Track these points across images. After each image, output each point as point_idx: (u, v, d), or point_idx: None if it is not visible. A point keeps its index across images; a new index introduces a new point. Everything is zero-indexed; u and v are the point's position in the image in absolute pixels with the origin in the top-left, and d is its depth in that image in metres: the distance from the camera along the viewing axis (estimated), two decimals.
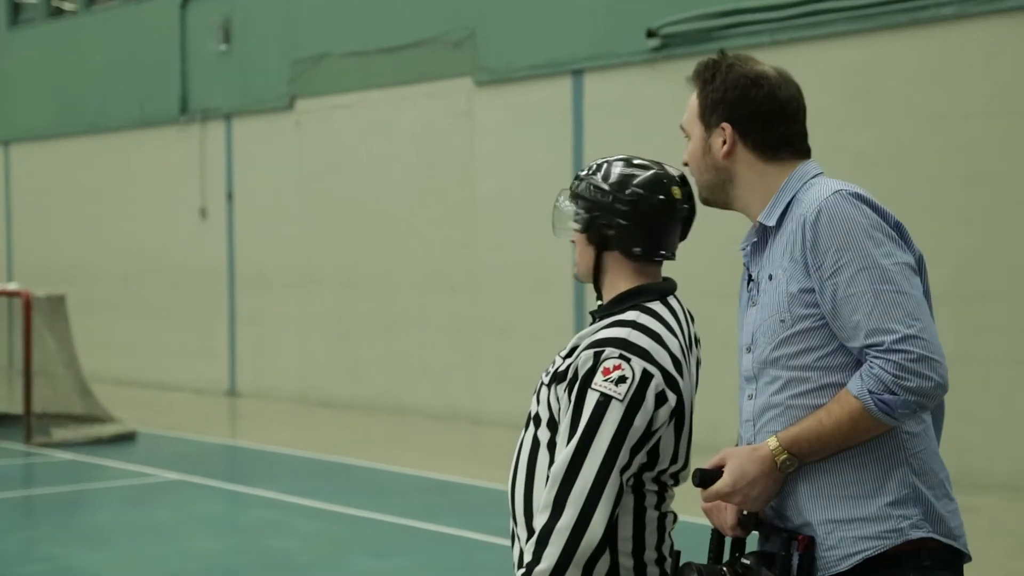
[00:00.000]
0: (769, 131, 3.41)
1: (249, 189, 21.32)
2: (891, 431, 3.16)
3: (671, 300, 3.66)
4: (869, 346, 3.09)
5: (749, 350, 3.41)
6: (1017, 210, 12.06)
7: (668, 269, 3.69)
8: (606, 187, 3.65)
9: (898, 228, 3.25)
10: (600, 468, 3.39)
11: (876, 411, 3.06)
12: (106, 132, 24.16)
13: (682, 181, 3.67)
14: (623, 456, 3.41)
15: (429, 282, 18.06)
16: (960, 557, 3.26)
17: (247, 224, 21.38)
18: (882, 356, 3.06)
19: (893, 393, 3.04)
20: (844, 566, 3.18)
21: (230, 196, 21.60)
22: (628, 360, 3.42)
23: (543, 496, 3.47)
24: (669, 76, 14.70)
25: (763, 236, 3.40)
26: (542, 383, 3.65)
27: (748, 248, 3.50)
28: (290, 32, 20.32)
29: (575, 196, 3.71)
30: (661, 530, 3.58)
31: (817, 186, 3.30)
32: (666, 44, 15.11)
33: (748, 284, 3.48)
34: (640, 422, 3.39)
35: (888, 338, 3.06)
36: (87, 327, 18.21)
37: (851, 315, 3.13)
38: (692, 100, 3.49)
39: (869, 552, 3.16)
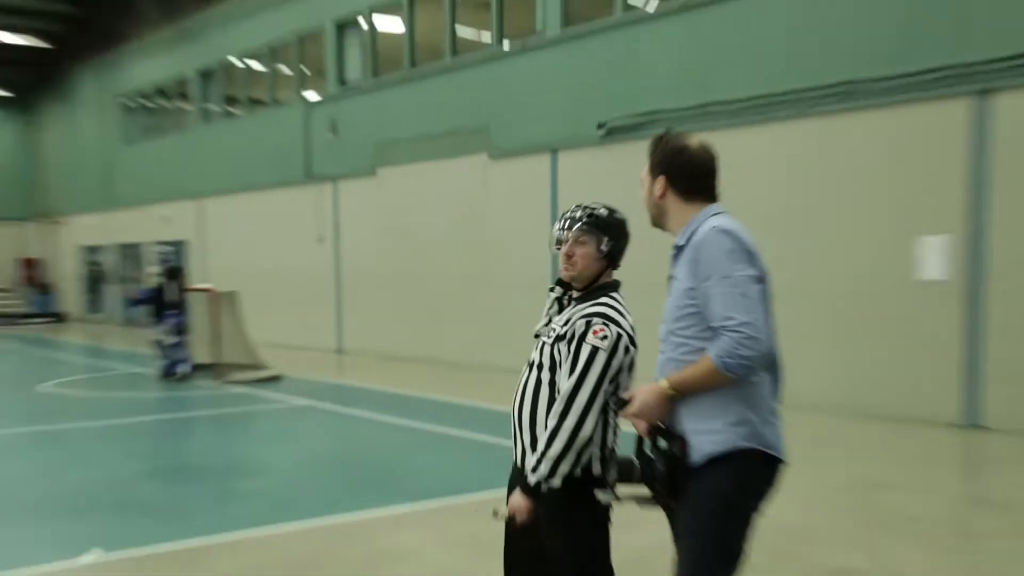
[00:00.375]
0: (686, 183, 3.58)
1: (348, 225, 21.25)
2: (729, 382, 3.34)
3: (618, 292, 3.91)
4: (720, 326, 3.29)
5: (663, 322, 3.59)
6: (821, 241, 12.23)
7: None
8: (625, 227, 3.97)
9: (749, 252, 3.39)
10: (592, 391, 3.66)
11: (721, 369, 3.29)
12: (260, 190, 24.09)
13: None
14: (604, 385, 3.68)
15: (458, 283, 18.06)
16: (775, 460, 3.45)
17: (347, 247, 21.32)
18: (726, 334, 3.28)
19: (731, 358, 3.27)
20: (699, 458, 3.41)
21: (337, 229, 21.56)
22: (608, 325, 3.73)
23: (554, 408, 3.70)
24: (612, 153, 14.95)
25: (678, 251, 3.57)
26: (544, 342, 3.88)
27: (672, 256, 3.61)
28: (372, 127, 20.24)
29: (608, 225, 3.90)
30: (614, 434, 3.83)
31: (709, 222, 3.46)
32: (610, 132, 15.07)
33: (670, 279, 3.60)
34: (615, 364, 3.70)
35: (731, 322, 3.28)
36: (252, 309, 18.16)
37: (713, 306, 3.33)
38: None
39: (713, 452, 3.39)
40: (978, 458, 9.89)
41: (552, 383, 3.81)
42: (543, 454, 3.67)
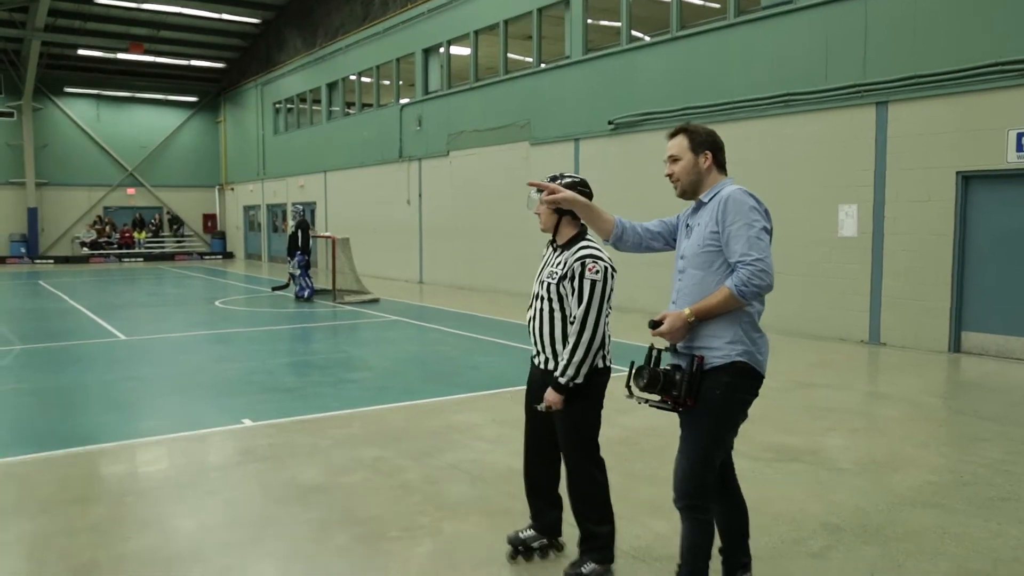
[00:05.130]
0: (722, 156, 3.34)
1: (428, 192, 20.94)
2: (741, 306, 3.13)
3: (588, 236, 3.71)
4: (739, 261, 3.06)
5: (682, 258, 3.32)
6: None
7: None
8: (576, 188, 3.70)
9: (765, 210, 3.16)
10: (597, 312, 3.53)
11: (737, 296, 3.06)
12: (367, 166, 23.90)
13: None
14: (605, 305, 3.55)
15: (504, 234, 17.71)
16: (759, 376, 3.24)
17: (427, 207, 21.04)
18: (744, 267, 3.06)
19: (745, 287, 3.02)
20: (708, 368, 3.17)
21: (420, 195, 21.26)
22: (598, 261, 3.57)
23: (572, 328, 3.55)
24: (618, 142, 14.67)
25: (700, 205, 3.30)
26: (550, 282, 3.69)
27: (689, 211, 3.38)
28: (447, 121, 19.92)
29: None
30: (609, 340, 3.67)
31: (732, 186, 3.22)
32: (617, 127, 14.74)
33: (686, 228, 3.36)
34: (609, 288, 3.53)
35: (748, 258, 3.04)
36: (359, 251, 18.29)
37: (734, 245, 3.10)
38: (678, 141, 3.32)
39: (717, 363, 3.16)
40: (879, 365, 9.66)
41: (562, 311, 3.65)
42: (569, 362, 3.56)
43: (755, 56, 12.39)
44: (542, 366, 3.76)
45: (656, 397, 3.29)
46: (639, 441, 5.74)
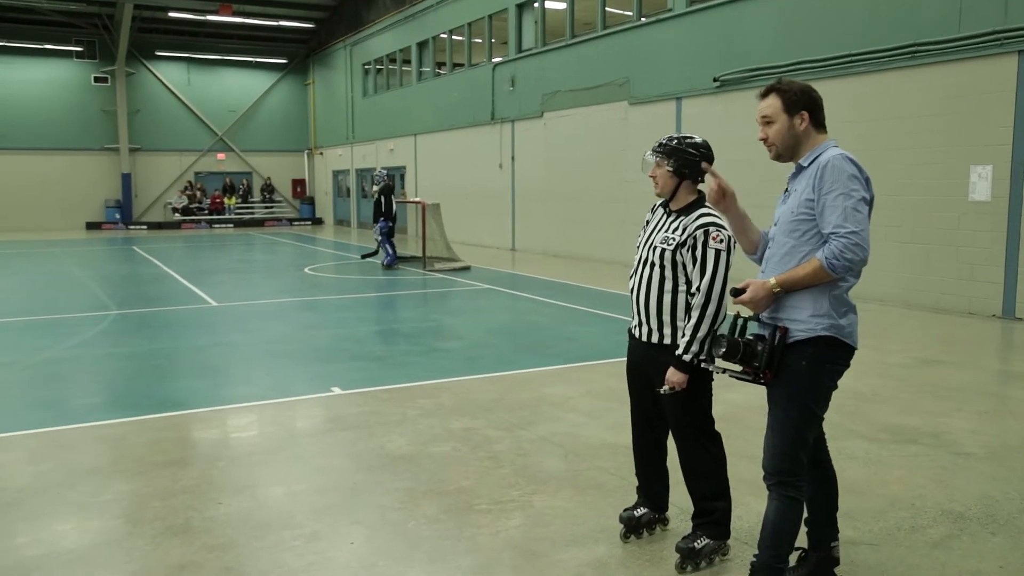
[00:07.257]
0: (820, 115, 3.19)
1: (521, 155, 20.95)
2: (831, 280, 3.05)
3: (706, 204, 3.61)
4: (832, 233, 2.96)
5: (775, 224, 3.25)
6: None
7: None
8: (692, 149, 3.62)
9: (866, 178, 3.05)
10: (722, 283, 3.48)
11: (827, 269, 2.98)
12: (457, 128, 24.06)
13: None
14: (727, 276, 3.51)
15: (601, 199, 17.64)
16: (849, 348, 3.15)
17: (520, 171, 21.08)
18: (837, 239, 2.96)
19: (837, 260, 2.96)
20: (791, 341, 3.10)
21: (513, 158, 21.31)
22: (721, 229, 3.51)
23: (696, 300, 3.49)
24: (724, 101, 14.37)
25: (799, 169, 3.19)
26: (665, 248, 3.58)
27: (791, 175, 3.23)
28: (541, 81, 19.84)
29: (672, 151, 3.59)
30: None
31: (831, 149, 3.11)
32: (723, 84, 14.43)
33: (785, 192, 3.25)
34: (730, 258, 3.50)
35: (842, 230, 2.94)
36: (450, 217, 18.44)
37: (828, 215, 3.00)
38: (770, 102, 3.19)
39: (801, 337, 3.09)
40: (1013, 342, 9.24)
41: (674, 279, 3.57)
42: (693, 337, 3.50)
43: (876, 2, 11.85)
44: (644, 338, 3.70)
45: (737, 367, 3.27)
46: (743, 418, 5.67)
